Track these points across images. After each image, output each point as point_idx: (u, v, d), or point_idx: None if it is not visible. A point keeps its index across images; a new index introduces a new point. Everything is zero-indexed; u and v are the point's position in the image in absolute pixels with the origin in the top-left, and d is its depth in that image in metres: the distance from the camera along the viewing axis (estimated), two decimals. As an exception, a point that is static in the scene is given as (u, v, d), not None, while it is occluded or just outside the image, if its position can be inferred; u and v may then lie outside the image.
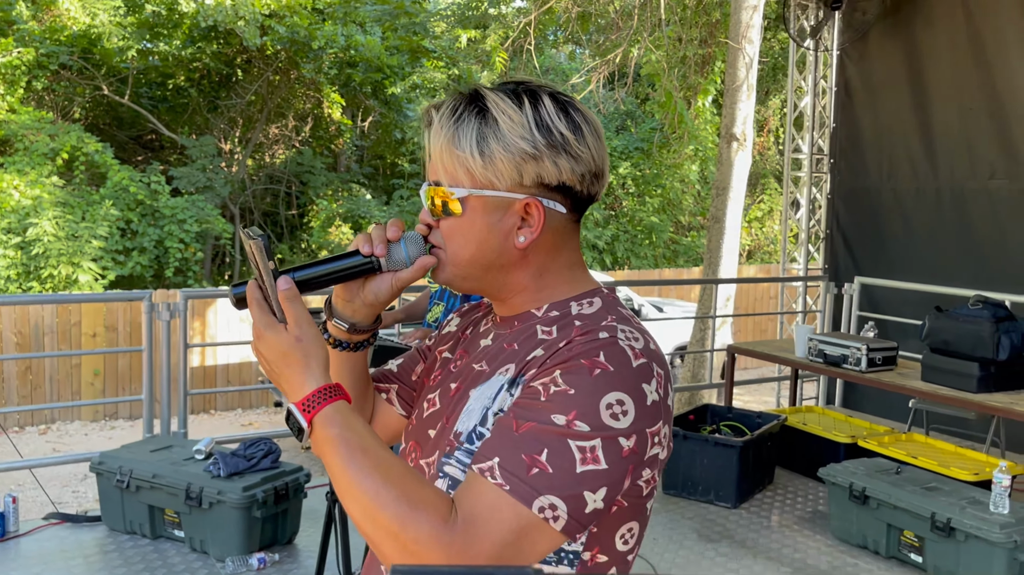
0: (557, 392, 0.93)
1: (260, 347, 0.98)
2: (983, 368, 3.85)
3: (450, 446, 1.03)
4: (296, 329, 0.96)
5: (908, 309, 6.02)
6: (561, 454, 0.90)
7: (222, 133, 14.70)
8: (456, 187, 1.03)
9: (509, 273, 1.07)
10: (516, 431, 0.92)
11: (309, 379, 0.95)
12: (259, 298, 0.98)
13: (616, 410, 0.92)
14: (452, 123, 1.02)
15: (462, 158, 1.02)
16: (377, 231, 1.06)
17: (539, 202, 1.03)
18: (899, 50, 6.13)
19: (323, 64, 13.63)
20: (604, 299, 1.07)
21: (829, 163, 6.70)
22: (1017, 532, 3.25)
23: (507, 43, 8.82)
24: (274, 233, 15.32)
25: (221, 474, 3.48)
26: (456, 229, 1.05)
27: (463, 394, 1.08)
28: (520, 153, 1.01)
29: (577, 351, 0.95)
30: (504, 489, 0.89)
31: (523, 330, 1.07)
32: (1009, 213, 5.50)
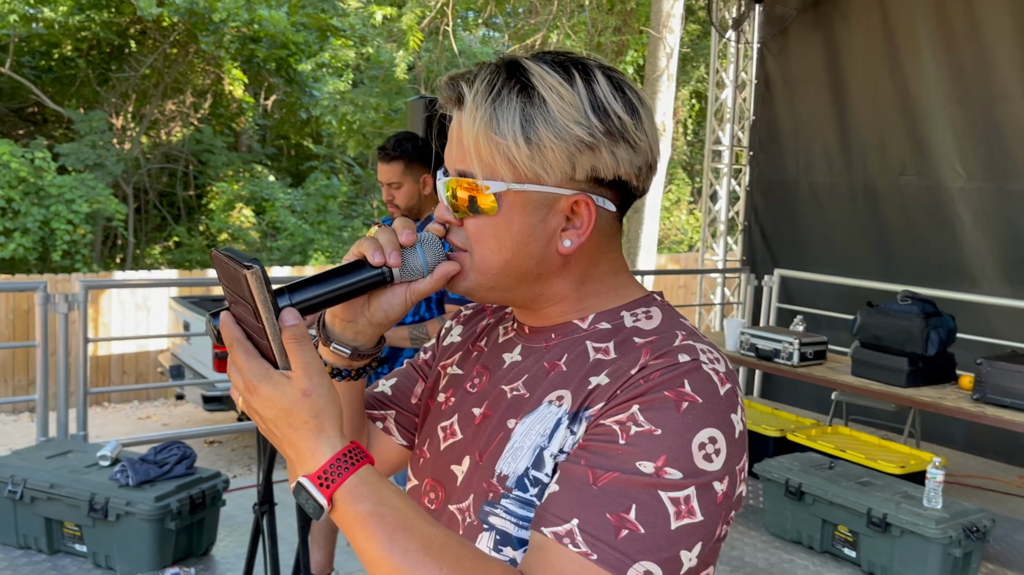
0: (640, 433, 0.78)
1: (256, 404, 0.77)
2: (912, 363, 3.90)
3: (494, 492, 0.86)
4: (305, 380, 0.76)
5: (823, 301, 6.13)
6: (653, 510, 0.76)
7: (113, 108, 13.87)
8: (492, 180, 0.85)
9: (547, 282, 0.90)
10: (594, 484, 0.77)
11: (323, 444, 0.76)
12: (240, 338, 0.77)
13: (709, 450, 0.78)
14: (490, 102, 0.83)
15: (503, 145, 0.83)
16: (386, 236, 0.87)
17: (591, 199, 0.86)
18: (818, 46, 6.20)
19: (224, 38, 13.00)
20: (663, 309, 0.92)
21: (748, 155, 6.76)
22: (951, 527, 3.29)
23: (424, 23, 8.56)
24: (171, 215, 14.61)
25: (130, 482, 3.18)
26: (488, 230, 0.87)
27: (498, 424, 0.90)
28: (575, 141, 0.83)
29: (657, 381, 0.80)
30: (591, 559, 0.75)
31: (566, 345, 0.90)
32: (918, 209, 5.64)
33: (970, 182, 5.36)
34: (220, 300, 8.24)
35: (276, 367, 0.77)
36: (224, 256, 0.76)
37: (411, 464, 1.03)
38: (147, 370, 9.09)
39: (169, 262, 13.87)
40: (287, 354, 0.77)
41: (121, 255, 13.94)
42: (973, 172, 5.34)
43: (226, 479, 3.45)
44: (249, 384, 0.77)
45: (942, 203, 5.50)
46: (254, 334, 0.77)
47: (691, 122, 15.35)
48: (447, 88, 0.88)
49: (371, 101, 11.42)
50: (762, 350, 4.35)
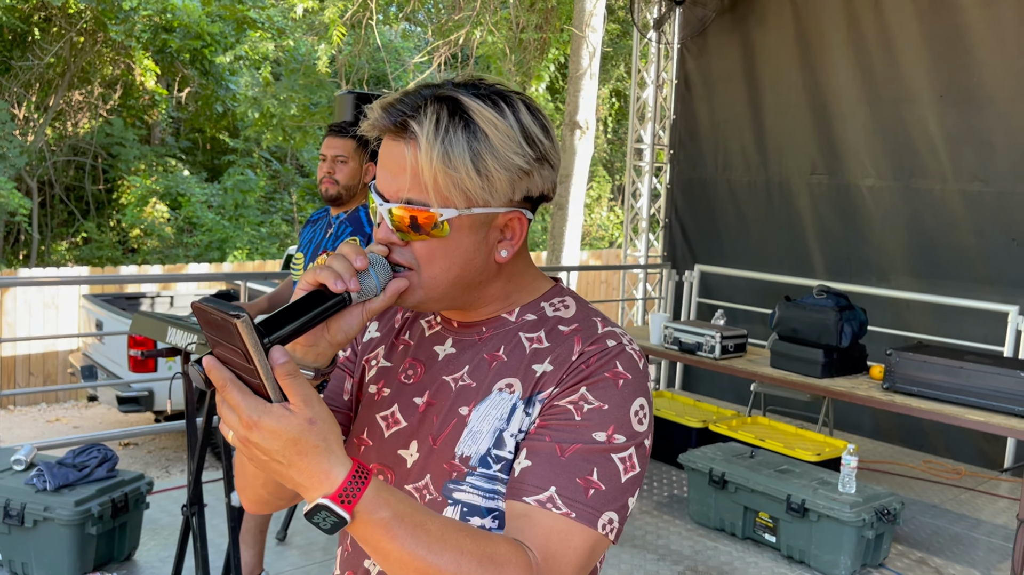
0: (591, 410, 0.94)
1: (256, 439, 0.81)
2: (827, 355, 4.05)
3: (457, 471, 0.99)
4: (307, 410, 0.82)
5: (741, 295, 6.32)
6: (608, 469, 0.94)
7: (15, 97, 13.24)
8: (446, 208, 0.94)
9: (484, 287, 1.03)
10: (562, 456, 0.93)
11: (336, 465, 0.83)
12: (232, 377, 0.82)
13: (641, 415, 0.97)
14: (441, 140, 0.92)
15: (457, 178, 0.93)
16: (340, 263, 0.93)
17: (522, 214, 1.00)
18: (735, 47, 6.38)
19: (135, 27, 12.54)
20: (573, 297, 1.08)
21: (669, 153, 6.90)
22: (865, 511, 3.45)
23: (346, 16, 8.45)
24: (79, 210, 14.05)
25: (47, 487, 3.06)
26: (438, 251, 0.97)
27: (449, 412, 1.01)
28: (516, 170, 0.96)
29: (596, 365, 0.97)
30: (571, 517, 0.91)
31: (500, 337, 1.03)
32: (827, 207, 5.87)
33: (879, 180, 5.60)
34: (135, 298, 7.97)
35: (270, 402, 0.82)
36: (208, 307, 0.81)
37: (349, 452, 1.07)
38: (55, 371, 8.75)
39: (77, 259, 13.34)
40: (282, 389, 0.82)
41: (25, 252, 13.34)
42: (882, 171, 5.58)
43: (150, 481, 3.35)
44: (249, 421, 0.81)
45: (852, 201, 5.73)
46: (243, 374, 0.82)
47: (611, 120, 15.57)
48: (383, 117, 0.95)
49: (292, 95, 11.20)
50: (685, 343, 4.46)
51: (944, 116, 5.24)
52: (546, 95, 13.55)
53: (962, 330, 5.17)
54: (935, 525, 4.16)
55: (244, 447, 0.83)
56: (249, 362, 0.80)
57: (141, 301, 7.91)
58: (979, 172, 5.15)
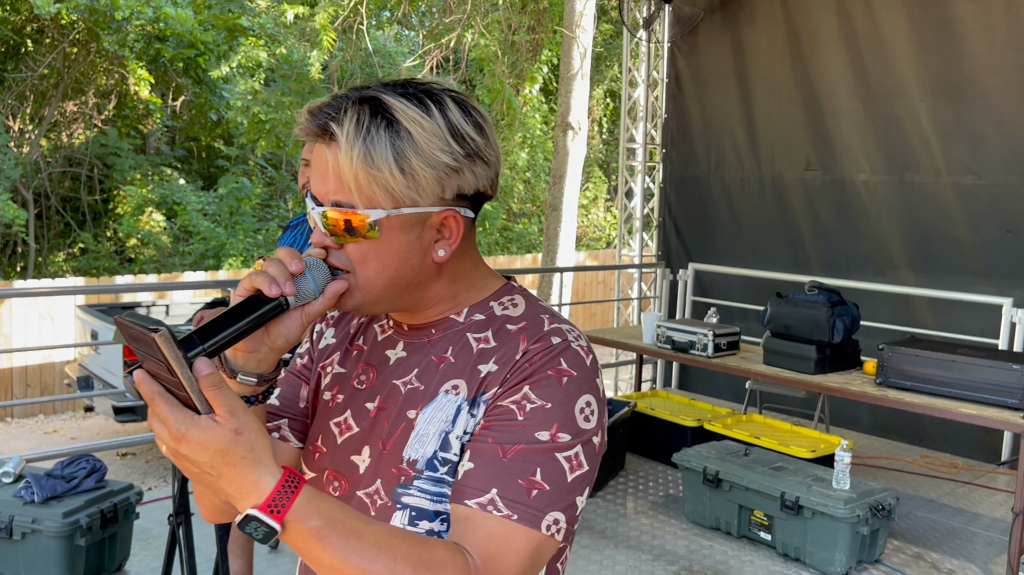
0: (534, 409, 0.93)
1: (185, 451, 0.81)
2: (820, 351, 4.04)
3: (404, 475, 0.98)
4: (233, 420, 0.81)
5: (736, 293, 6.31)
6: (553, 469, 0.92)
7: (10, 110, 13.24)
8: (372, 208, 0.93)
9: (426, 288, 1.01)
10: (504, 457, 0.92)
11: (264, 475, 0.82)
12: (160, 390, 0.81)
13: (587, 412, 0.95)
14: (362, 139, 0.92)
15: (380, 178, 0.92)
16: (276, 268, 0.92)
17: (457, 212, 0.98)
18: (725, 44, 6.37)
19: (128, 37, 12.54)
20: (524, 296, 1.06)
21: (661, 152, 6.89)
22: (859, 507, 3.43)
23: (337, 22, 8.45)
24: (75, 220, 14.04)
25: (36, 499, 3.05)
26: (371, 253, 0.96)
27: (398, 416, 1.01)
28: (443, 167, 0.94)
29: (539, 363, 0.95)
30: (512, 519, 0.90)
31: (448, 339, 1.02)
32: (822, 203, 5.86)
33: (873, 175, 5.59)
34: (131, 307, 7.98)
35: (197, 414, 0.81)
36: (129, 322, 0.81)
37: (304, 459, 1.10)
38: (52, 382, 8.73)
39: (75, 269, 13.33)
40: (207, 400, 0.81)
41: (22, 263, 13.33)
42: (876, 165, 5.57)
43: (139, 491, 3.34)
44: (176, 433, 0.80)
45: (846, 196, 5.72)
46: (171, 387, 0.81)
47: (606, 121, 15.56)
48: (309, 121, 0.94)
49: (284, 101, 11.20)
50: (678, 342, 4.44)
51: (936, 110, 5.23)
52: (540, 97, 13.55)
53: (960, 323, 5.15)
54: (932, 519, 4.13)
55: (175, 459, 0.82)
56: (173, 375, 0.79)
57: (136, 311, 7.89)
58: (972, 165, 5.13)
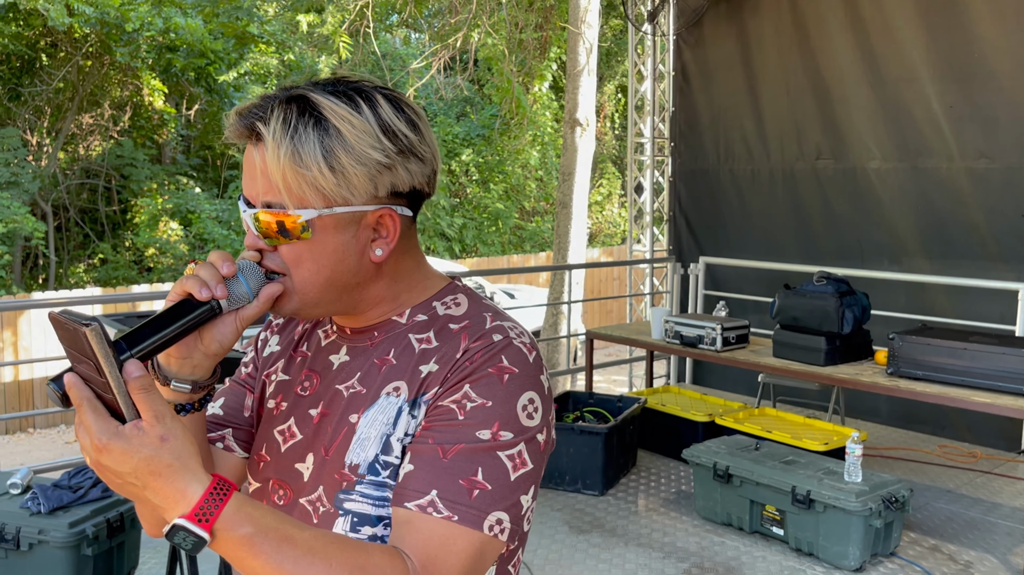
0: (474, 408, 0.91)
1: (107, 462, 0.78)
2: (829, 342, 3.98)
3: (347, 481, 0.95)
4: (160, 427, 0.79)
5: (749, 286, 6.24)
6: (495, 468, 0.90)
7: (27, 124, 13.40)
8: (303, 208, 0.91)
9: (365, 289, 0.98)
10: (444, 458, 0.89)
11: (191, 483, 0.79)
12: (89, 396, 0.78)
13: (530, 409, 0.93)
14: (289, 138, 0.89)
15: (309, 177, 0.90)
16: (206, 271, 0.90)
17: (393, 211, 0.95)
18: (731, 35, 6.30)
19: (140, 48, 12.65)
20: (467, 295, 1.04)
21: (670, 146, 6.83)
22: (871, 499, 3.37)
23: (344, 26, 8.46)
24: (94, 232, 14.19)
25: (42, 510, 3.06)
26: (305, 254, 0.93)
27: (340, 421, 0.98)
28: (374, 164, 0.92)
29: (480, 361, 0.93)
30: (452, 520, 0.88)
31: (391, 340, 1.00)
32: (834, 192, 5.78)
33: (885, 162, 5.51)
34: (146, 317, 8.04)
35: (123, 421, 0.78)
36: (63, 318, 0.78)
37: (249, 469, 1.08)
38: (73, 392, 8.81)
39: (95, 280, 13.46)
40: (135, 405, 0.78)
41: (44, 275, 13.48)
42: (887, 152, 5.49)
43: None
44: (98, 444, 0.77)
45: (858, 184, 5.64)
46: (100, 391, 0.79)
47: (618, 116, 15.49)
48: (237, 122, 0.92)
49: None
50: (686, 337, 4.40)
51: (947, 94, 5.14)
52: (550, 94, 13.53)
53: (978, 310, 5.06)
54: (950, 510, 4.06)
55: (98, 471, 0.80)
56: (102, 376, 0.76)
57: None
58: (984, 149, 5.04)
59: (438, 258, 12.50)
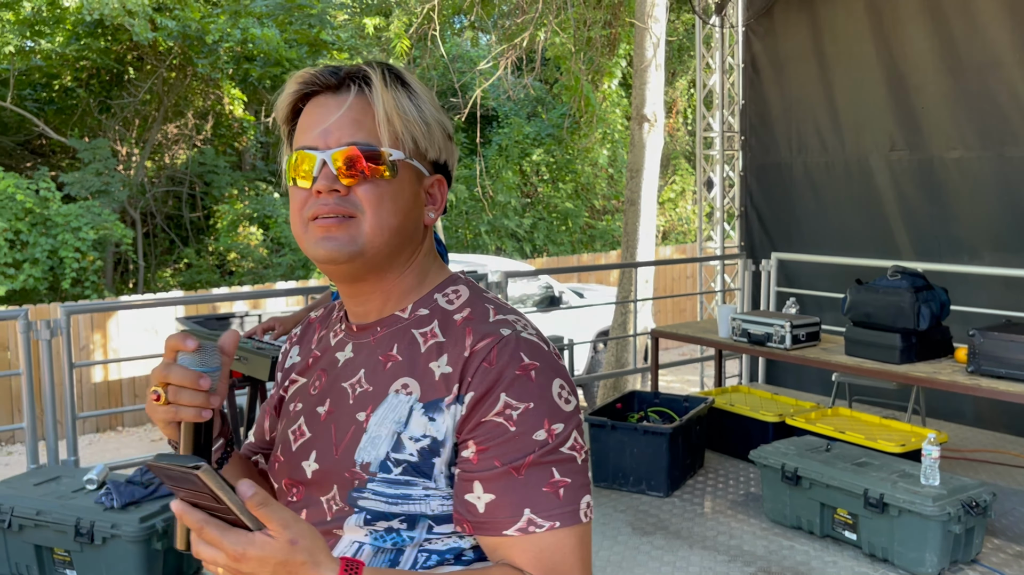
0: (520, 415, 0.92)
1: (245, 570, 0.83)
2: (905, 339, 3.82)
3: (357, 479, 0.97)
4: (287, 532, 0.83)
5: (823, 282, 6.05)
6: (565, 462, 0.93)
7: (117, 135, 13.97)
8: (395, 149, 0.97)
9: (412, 253, 1.02)
10: (519, 475, 0.92)
11: (326, 571, 0.84)
12: (206, 518, 0.82)
13: (564, 395, 0.96)
14: (390, 88, 0.97)
15: (406, 121, 0.97)
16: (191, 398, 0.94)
17: (444, 181, 1.03)
18: (802, 24, 6.13)
19: (219, 59, 13.05)
20: (468, 285, 1.05)
21: (740, 140, 6.68)
22: (950, 504, 3.22)
23: (411, 30, 8.55)
24: (179, 237, 14.70)
25: (115, 505, 3.17)
26: (386, 194, 0.97)
27: (347, 419, 1.00)
28: (445, 128, 1.01)
29: (502, 364, 0.94)
30: (556, 527, 0.91)
31: (393, 335, 1.01)
32: (911, 184, 5.56)
33: (967, 152, 5.27)
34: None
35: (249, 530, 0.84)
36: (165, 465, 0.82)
37: (269, 472, 1.10)
38: (158, 392, 9.13)
39: (180, 284, 13.94)
40: (257, 518, 0.83)
41: (133, 280, 14.03)
42: (969, 142, 5.25)
43: (213, 496, 3.43)
44: (235, 554, 0.81)
45: (936, 175, 5.41)
46: (217, 513, 0.83)
47: (690, 112, 15.25)
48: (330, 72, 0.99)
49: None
50: (754, 335, 4.28)
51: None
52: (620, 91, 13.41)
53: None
54: (1038, 517, 3.85)
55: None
56: (219, 502, 0.81)
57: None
58: (1075, 135, 4.77)
59: (508, 258, 12.52)
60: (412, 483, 0.95)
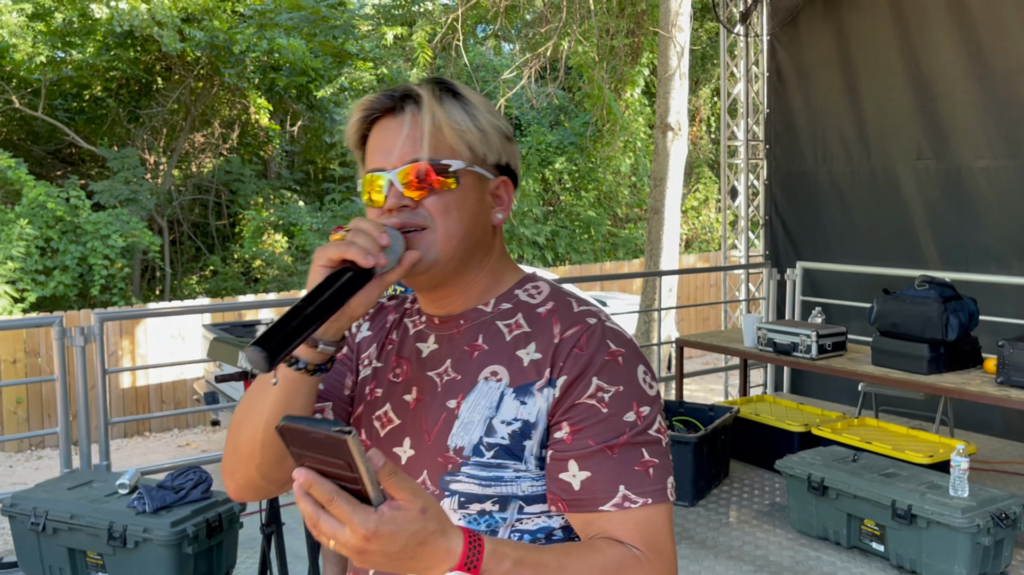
0: (612, 397, 0.98)
1: (376, 547, 0.81)
2: (933, 349, 3.80)
3: (451, 463, 1.01)
4: (417, 501, 0.83)
5: (849, 291, 6.02)
6: (652, 443, 0.99)
7: (145, 144, 14.16)
8: (454, 160, 1.02)
9: (482, 257, 1.07)
10: (613, 454, 0.97)
11: (453, 539, 0.86)
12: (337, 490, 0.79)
13: (648, 380, 1.02)
14: (441, 102, 1.03)
15: (460, 130, 1.02)
16: (364, 239, 0.95)
17: (509, 182, 1.08)
18: (828, 33, 6.11)
19: (246, 69, 13.20)
20: (546, 282, 1.11)
21: (765, 149, 6.67)
22: (979, 516, 3.19)
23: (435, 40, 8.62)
24: (205, 245, 14.86)
25: (147, 509, 3.22)
26: (452, 204, 1.02)
27: (438, 406, 1.05)
28: (502, 132, 1.06)
29: (592, 350, 1.00)
30: (649, 504, 0.97)
31: (477, 328, 1.07)
32: (937, 192, 5.52)
33: (995, 160, 5.23)
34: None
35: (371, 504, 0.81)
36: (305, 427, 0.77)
37: None
38: (184, 399, 9.23)
39: (206, 291, 14.08)
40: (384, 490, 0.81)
41: (160, 287, 14.19)
42: (998, 150, 5.21)
43: (242, 502, 3.47)
44: (365, 533, 0.79)
45: (964, 184, 5.37)
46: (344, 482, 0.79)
47: (714, 120, 15.22)
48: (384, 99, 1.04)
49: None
50: (780, 344, 4.27)
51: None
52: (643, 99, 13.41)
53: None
54: (1069, 530, 3.80)
55: (359, 556, 0.82)
56: (353, 471, 0.77)
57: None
58: (1105, 143, 4.72)
59: (528, 267, 12.54)
60: (504, 466, 0.99)
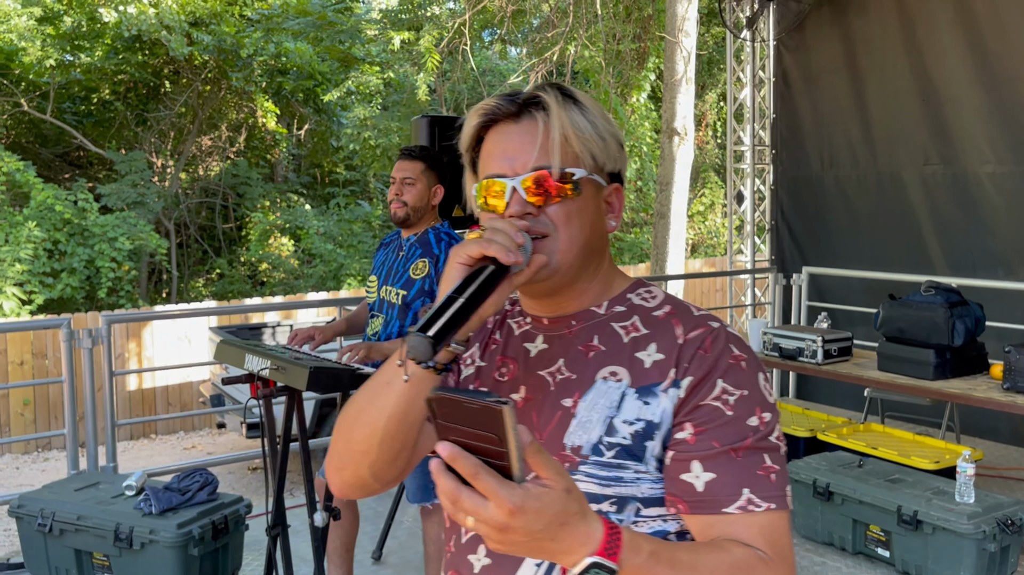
0: (737, 400, 0.98)
1: (520, 523, 0.78)
2: (939, 355, 3.79)
3: (568, 462, 1.00)
4: (562, 480, 0.81)
5: (855, 296, 6.01)
6: (773, 450, 0.99)
7: (153, 147, 14.21)
8: (577, 168, 1.03)
9: (597, 262, 1.08)
10: (738, 457, 0.97)
11: (593, 523, 0.84)
12: (481, 464, 0.77)
13: (768, 387, 1.02)
14: (565, 110, 1.03)
15: (584, 139, 1.03)
16: (504, 238, 0.96)
17: (621, 188, 1.10)
18: (835, 38, 6.12)
19: (253, 72, 13.25)
20: (658, 288, 1.12)
21: (771, 154, 6.67)
22: (985, 522, 3.19)
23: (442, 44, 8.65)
24: (212, 248, 14.90)
25: (153, 511, 3.23)
26: (574, 211, 1.03)
27: (552, 405, 1.04)
28: (618, 139, 1.07)
29: (717, 353, 1.00)
30: (772, 508, 0.96)
31: (591, 329, 1.07)
32: (944, 198, 5.51)
33: (1000, 166, 5.23)
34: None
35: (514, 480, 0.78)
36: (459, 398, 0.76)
37: None
38: (190, 401, 9.25)
39: (213, 294, 14.12)
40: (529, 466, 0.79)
41: (167, 290, 14.24)
42: (1003, 155, 5.20)
43: (248, 504, 3.48)
44: (512, 507, 0.77)
45: (970, 189, 5.36)
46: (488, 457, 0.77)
47: (720, 125, 15.22)
48: (508, 101, 1.04)
49: (392, 125, 11.55)
50: (785, 349, 4.27)
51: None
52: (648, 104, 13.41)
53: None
54: (1076, 536, 3.79)
55: (500, 535, 0.79)
56: (502, 444, 0.75)
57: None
58: (1113, 149, 4.71)
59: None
60: (624, 466, 0.99)
